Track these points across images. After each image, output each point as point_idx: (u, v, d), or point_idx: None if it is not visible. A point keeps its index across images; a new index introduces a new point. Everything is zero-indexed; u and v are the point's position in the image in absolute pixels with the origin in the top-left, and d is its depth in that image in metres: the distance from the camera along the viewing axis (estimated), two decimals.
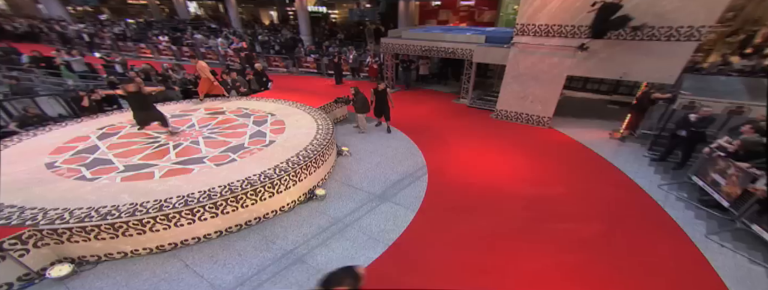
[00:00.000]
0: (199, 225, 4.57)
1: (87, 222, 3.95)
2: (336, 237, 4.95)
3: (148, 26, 21.39)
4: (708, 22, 6.56)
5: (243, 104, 8.49)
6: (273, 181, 5.11)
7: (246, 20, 28.51)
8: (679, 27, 6.86)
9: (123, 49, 16.80)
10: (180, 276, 4.12)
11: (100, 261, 4.24)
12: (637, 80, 8.23)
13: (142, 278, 4.06)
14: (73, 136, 6.36)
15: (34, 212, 4.08)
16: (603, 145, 8.03)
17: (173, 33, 18.05)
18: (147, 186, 4.77)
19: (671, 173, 6.67)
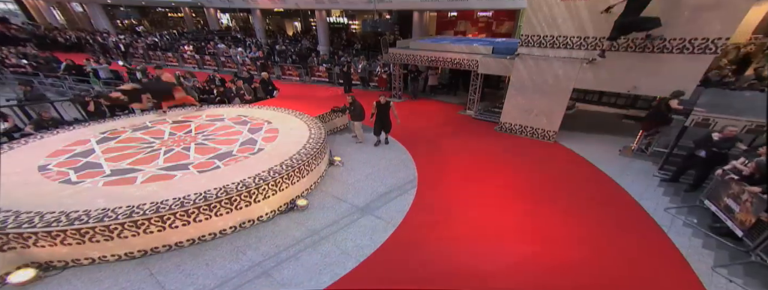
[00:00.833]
0: (170, 232, 4.43)
1: (54, 226, 3.88)
2: (308, 250, 4.69)
3: (180, 37, 22.27)
4: (725, 35, 5.92)
5: (244, 111, 8.46)
6: (250, 190, 4.93)
7: (271, 31, 29.20)
8: (692, 39, 6.24)
9: (153, 58, 17.55)
10: (141, 285, 3.96)
11: (67, 266, 4.15)
12: (648, 94, 7.59)
13: (104, 286, 3.93)
14: (75, 139, 6.47)
15: (7, 214, 4.05)
16: (610, 162, 7.40)
17: (198, 43, 18.69)
18: (125, 191, 4.70)
19: (682, 195, 5.99)
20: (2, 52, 14.54)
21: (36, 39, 20.67)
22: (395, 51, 11.96)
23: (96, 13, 23.97)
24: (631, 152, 7.76)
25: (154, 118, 7.75)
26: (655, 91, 7.08)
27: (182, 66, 16.48)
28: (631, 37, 6.83)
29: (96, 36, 20.77)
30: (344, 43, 22.18)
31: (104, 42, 19.12)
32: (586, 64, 7.41)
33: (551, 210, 5.64)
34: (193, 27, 29.28)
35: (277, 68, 15.45)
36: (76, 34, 21.65)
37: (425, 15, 17.74)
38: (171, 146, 6.26)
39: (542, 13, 7.75)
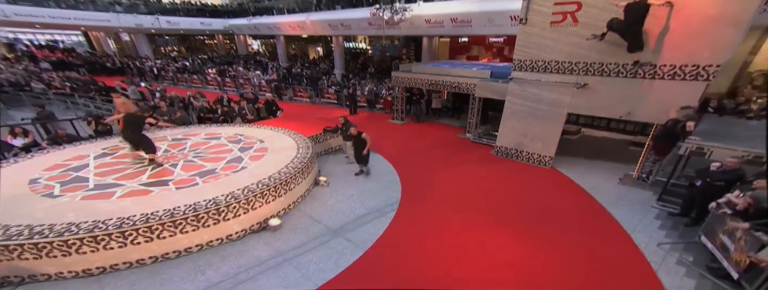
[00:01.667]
0: (132, 249, 4.29)
1: (13, 240, 3.82)
2: (269, 272, 4.42)
3: (210, 61, 23.40)
4: (715, 62, 5.46)
5: (243, 130, 8.49)
6: (219, 208, 4.77)
7: (294, 55, 30.22)
8: (682, 66, 5.78)
9: (180, 80, 18.44)
10: None
11: (23, 282, 4.05)
12: (642, 120, 7.04)
13: None
14: (75, 155, 6.61)
15: None
16: (607, 190, 6.77)
17: (221, 67, 19.51)
18: (98, 206, 4.65)
19: (681, 230, 5.31)
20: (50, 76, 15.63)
21: (88, 65, 22.30)
22: (398, 74, 11.90)
23: (140, 41, 25.72)
24: (632, 181, 7.11)
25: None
26: (649, 117, 6.52)
27: (205, 87, 17.18)
28: (622, 62, 6.42)
29: (136, 61, 22.12)
30: (359, 66, 22.51)
31: (141, 66, 20.31)
32: (576, 88, 6.99)
33: (531, 240, 5.12)
34: (224, 52, 30.78)
35: (290, 90, 15.75)
36: (120, 60, 23.17)
37: (434, 40, 17.79)
38: (161, 163, 6.26)
39: (533, 38, 7.48)
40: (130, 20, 22.54)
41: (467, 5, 12.73)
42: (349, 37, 28.54)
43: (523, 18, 7.53)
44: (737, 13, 5.15)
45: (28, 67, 17.93)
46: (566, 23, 6.93)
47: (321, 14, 19.27)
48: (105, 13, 21.95)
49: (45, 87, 13.62)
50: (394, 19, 14.86)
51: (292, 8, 22.01)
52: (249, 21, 24.53)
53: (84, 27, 24.13)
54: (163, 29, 24.53)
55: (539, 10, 7.21)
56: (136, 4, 23.48)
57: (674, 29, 5.72)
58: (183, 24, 24.92)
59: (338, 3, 18.56)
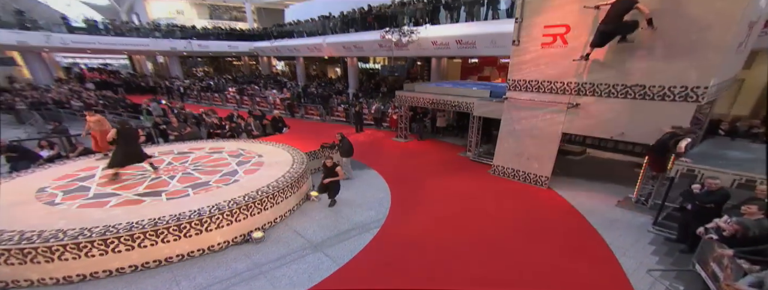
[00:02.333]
0: (112, 257, 4.35)
1: (3, 245, 3.95)
2: (241, 284, 4.36)
3: (234, 81, 24.43)
4: (702, 84, 5.22)
5: (245, 145, 8.66)
6: (203, 219, 4.80)
7: (314, 75, 31.08)
8: (671, 87, 5.51)
9: (203, 98, 19.30)
10: None
11: (6, 288, 4.15)
12: (635, 141, 6.68)
13: None
14: (86, 166, 6.90)
15: None
16: (602, 213, 6.37)
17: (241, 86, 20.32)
18: (90, 214, 4.79)
19: (676, 256, 4.87)
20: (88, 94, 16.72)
21: (126, 84, 23.80)
22: (402, 94, 11.95)
23: (173, 63, 27.29)
24: (630, 204, 6.67)
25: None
26: (642, 137, 6.18)
27: (225, 105, 17.87)
28: (613, 83, 6.20)
29: (166, 81, 23.40)
30: (372, 86, 22.82)
31: (170, 86, 21.43)
32: (567, 108, 6.76)
33: (513, 260, 4.85)
34: (248, 72, 32.07)
35: (302, 108, 16.09)
36: (153, 80, 24.58)
37: (443, 61, 17.88)
38: (160, 175, 6.43)
39: (526, 58, 7.39)
40: (166, 44, 24.02)
41: (471, 28, 12.78)
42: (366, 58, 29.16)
43: (515, 39, 7.48)
44: (718, 38, 4.94)
45: (72, 87, 19.28)
46: (556, 44, 6.82)
47: (336, 37, 19.85)
48: (145, 38, 23.55)
49: (82, 104, 14.54)
50: (402, 42, 15.11)
51: (311, 32, 22.80)
52: (271, 44, 25.61)
53: (127, 51, 26.05)
54: (194, 52, 25.97)
55: (530, 32, 7.16)
56: (173, 30, 25.06)
57: (660, 51, 5.54)
58: (212, 47, 26.30)
59: (352, 26, 19.08)
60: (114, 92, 18.94)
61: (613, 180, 7.99)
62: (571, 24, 6.49)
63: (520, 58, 7.52)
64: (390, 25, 15.79)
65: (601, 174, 8.43)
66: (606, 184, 7.84)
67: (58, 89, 18.54)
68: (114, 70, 28.82)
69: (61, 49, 22.40)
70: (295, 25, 24.38)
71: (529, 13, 7.12)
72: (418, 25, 15.11)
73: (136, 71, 30.39)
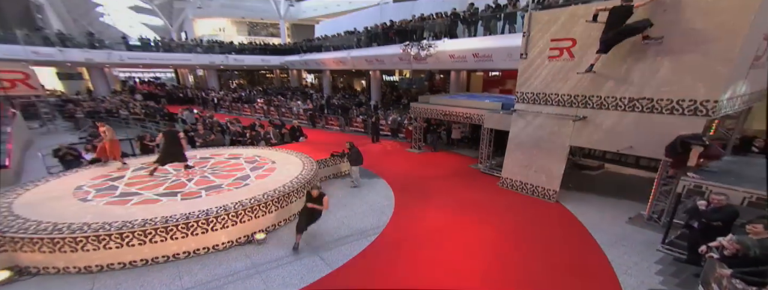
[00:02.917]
0: (127, 250, 4.74)
1: (37, 234, 4.44)
2: (236, 282, 4.59)
3: (264, 93, 25.66)
4: (711, 97, 4.95)
5: (262, 152, 9.09)
6: (209, 218, 5.12)
7: (340, 87, 31.94)
8: (680, 100, 5.25)
9: (234, 109, 20.45)
10: None
11: (38, 273, 4.62)
12: (644, 155, 6.34)
13: None
14: (118, 168, 7.54)
15: (20, 222, 4.77)
16: (610, 230, 6.06)
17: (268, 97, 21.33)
18: (113, 211, 5.25)
19: (683, 278, 4.54)
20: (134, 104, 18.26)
21: (169, 95, 25.69)
22: (416, 105, 12.07)
23: (211, 76, 29.21)
24: (642, 221, 6.30)
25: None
26: (651, 152, 5.87)
27: (253, 114, 18.81)
28: (619, 95, 5.98)
29: (202, 92, 25.03)
30: (394, 98, 23.11)
31: (206, 97, 22.90)
32: (573, 121, 6.57)
33: (505, 274, 4.73)
34: (279, 84, 33.55)
35: (323, 119, 16.61)
36: (192, 91, 26.38)
37: (462, 74, 17.88)
38: (180, 177, 6.91)
39: (533, 71, 7.33)
40: (205, 59, 25.82)
41: (487, 42, 12.75)
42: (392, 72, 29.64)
43: (523, 52, 7.44)
44: (725, 51, 4.69)
45: (123, 98, 21.14)
46: (563, 58, 6.74)
47: (360, 51, 20.43)
48: (188, 53, 25.49)
49: (127, 113, 15.90)
50: (421, 55, 15.31)
51: (337, 46, 23.63)
52: (300, 57, 26.73)
53: (172, 65, 28.37)
54: (230, 65, 27.66)
55: (538, 45, 7.12)
56: (212, 45, 26.93)
57: (668, 64, 5.32)
58: (247, 60, 27.88)
59: (375, 41, 19.59)
60: (157, 103, 20.49)
61: (628, 197, 7.56)
62: (577, 38, 6.42)
63: (527, 71, 7.47)
64: (410, 40, 16.08)
65: (617, 190, 8.01)
66: (620, 200, 7.44)
67: (111, 99, 20.39)
68: (161, 83, 31.25)
69: (118, 65, 24.76)
70: (322, 39, 25.38)
71: (536, 28, 7.10)
72: (437, 39, 15.30)
73: (180, 84, 32.76)
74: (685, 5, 5.00)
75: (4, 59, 16.18)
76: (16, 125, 11.80)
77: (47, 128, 15.41)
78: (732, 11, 4.54)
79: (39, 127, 15.41)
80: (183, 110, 15.61)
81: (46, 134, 14.69)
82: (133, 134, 11.99)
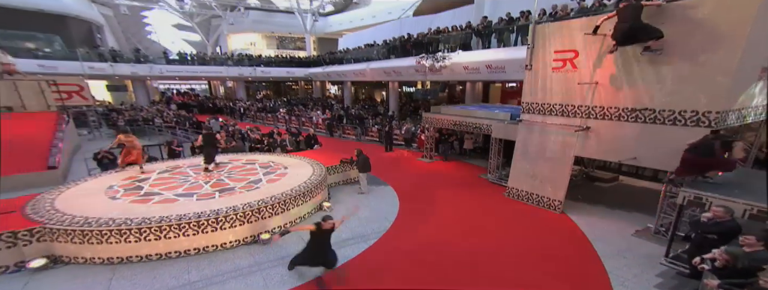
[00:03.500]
0: (144, 244, 5.15)
1: (70, 226, 4.94)
2: (238, 278, 4.86)
3: (288, 103, 26.70)
4: (713, 108, 4.78)
5: (277, 158, 9.51)
6: (219, 217, 5.47)
7: (361, 98, 32.60)
8: (682, 111, 5.12)
9: (258, 118, 21.42)
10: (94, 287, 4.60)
11: (69, 262, 5.13)
12: (648, 166, 6.13)
13: (74, 282, 4.72)
14: (147, 169, 8.16)
15: (58, 215, 5.32)
16: (613, 241, 5.88)
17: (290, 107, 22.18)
18: (136, 208, 5.72)
19: None
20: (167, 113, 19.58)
21: (200, 105, 27.27)
22: (428, 115, 12.20)
23: (239, 87, 30.79)
24: (648, 234, 6.06)
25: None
26: (655, 163, 5.72)
27: (275, 123, 19.61)
28: (622, 106, 5.90)
29: (230, 102, 26.41)
30: (412, 108, 23.33)
31: (233, 106, 24.17)
32: (575, 131, 6.49)
33: (495, 280, 4.71)
34: (303, 95, 34.71)
35: (340, 128, 17.06)
36: (221, 102, 27.88)
37: (477, 85, 17.89)
38: (198, 180, 7.39)
39: (538, 82, 7.35)
40: (235, 71, 27.33)
41: (500, 53, 12.76)
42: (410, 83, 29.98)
43: (528, 64, 7.48)
44: (725, 63, 4.58)
45: (158, 107, 22.72)
46: (566, 69, 6.74)
47: (378, 63, 20.93)
48: (220, 66, 27.09)
49: (161, 121, 17.08)
50: (435, 67, 15.53)
51: (357, 58, 24.32)
52: (323, 69, 27.66)
53: (205, 77, 30.22)
54: (257, 77, 29.09)
55: (542, 57, 7.15)
56: (242, 59, 28.49)
57: (668, 75, 5.24)
58: (273, 72, 29.20)
59: (393, 53, 20.03)
60: (188, 112, 21.82)
61: (639, 210, 7.27)
62: (579, 49, 6.43)
63: (532, 82, 7.49)
64: (426, 52, 16.34)
65: (629, 203, 7.70)
66: (630, 213, 7.17)
67: (149, 109, 21.96)
68: (196, 94, 33.25)
69: (158, 77, 26.74)
70: (343, 52, 26.19)
71: (540, 40, 7.15)
72: (452, 52, 15.47)
73: (211, 94, 34.68)
74: (684, 17, 4.94)
75: (65, 74, 18.01)
76: (68, 132, 13.00)
77: (93, 134, 16.79)
78: (728, 24, 4.46)
79: (87, 133, 16.82)
80: (210, 118, 16.57)
81: (92, 140, 16.00)
82: (163, 140, 12.85)
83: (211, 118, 16.65)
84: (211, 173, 7.93)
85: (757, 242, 3.29)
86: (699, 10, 4.76)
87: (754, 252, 3.27)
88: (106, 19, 30.75)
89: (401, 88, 28.60)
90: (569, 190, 7.16)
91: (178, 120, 17.11)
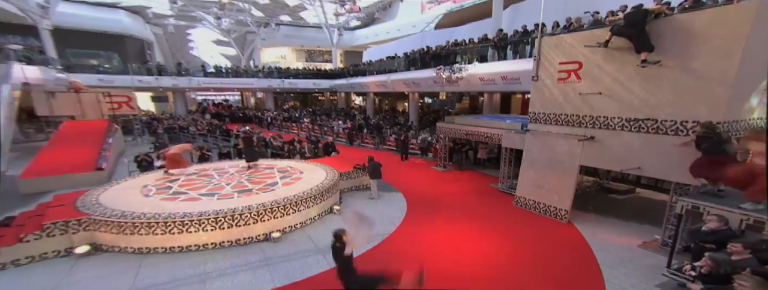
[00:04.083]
0: (169, 237, 5.74)
1: (108, 217, 5.62)
2: (247, 271, 5.28)
3: (313, 113, 27.75)
4: (713, 118, 4.70)
5: (295, 164, 10.05)
6: (235, 215, 5.97)
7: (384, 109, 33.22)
8: (683, 121, 5.08)
9: (283, 127, 22.48)
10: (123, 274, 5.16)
11: (106, 251, 5.81)
12: (653, 176, 5.97)
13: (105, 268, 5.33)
14: (178, 172, 8.92)
15: (101, 209, 6.04)
16: (616, 251, 5.77)
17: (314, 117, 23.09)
18: (164, 205, 6.35)
19: None
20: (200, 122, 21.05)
21: (231, 115, 28.94)
22: (442, 125, 12.39)
23: (268, 98, 32.39)
24: (655, 246, 5.89)
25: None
26: (659, 173, 5.61)
27: (300, 132, 20.50)
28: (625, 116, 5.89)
29: (258, 112, 27.87)
30: (431, 119, 23.52)
31: (261, 116, 25.52)
32: (578, 140, 6.49)
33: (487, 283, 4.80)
34: (328, 105, 35.86)
35: (359, 137, 17.56)
36: (251, 112, 29.46)
37: (495, 96, 17.85)
38: (220, 182, 8.00)
39: (544, 93, 7.45)
40: (264, 83, 28.91)
41: (515, 65, 12.80)
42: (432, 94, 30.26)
43: (535, 75, 7.60)
44: (722, 74, 4.54)
45: (194, 117, 24.44)
46: (571, 80, 6.82)
47: (398, 75, 21.43)
48: (251, 78, 28.79)
49: (195, 129, 18.40)
50: (452, 78, 15.76)
51: (379, 70, 25.02)
52: (347, 81, 28.59)
53: (237, 89, 32.12)
54: (285, 88, 30.54)
55: (548, 68, 7.27)
56: (271, 71, 30.10)
57: (669, 86, 5.24)
58: (300, 84, 30.58)
59: (413, 65, 20.47)
60: (220, 121, 23.29)
61: (652, 222, 7.01)
62: (583, 61, 6.50)
63: (539, 93, 7.59)
64: (444, 64, 16.63)
65: (642, 215, 7.45)
66: (642, 225, 6.95)
67: (185, 118, 23.67)
68: (229, 105, 35.35)
69: (195, 89, 28.80)
70: (366, 64, 27.01)
71: (545, 52, 7.28)
72: (469, 63, 15.67)
73: (243, 105, 36.68)
74: (683, 30, 4.97)
75: (118, 87, 20.01)
76: (116, 138, 14.40)
77: (136, 140, 18.37)
78: (724, 38, 4.47)
79: (131, 139, 18.43)
80: (240, 127, 17.63)
81: (135, 145, 17.49)
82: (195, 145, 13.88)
83: (241, 127, 17.72)
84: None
85: (743, 249, 3.26)
86: (697, 24, 4.79)
87: (740, 260, 3.24)
88: (156, 37, 33.75)
89: (423, 99, 28.94)
90: (582, 201, 7.09)
91: (210, 128, 18.35)
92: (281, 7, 35.24)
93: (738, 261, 3.22)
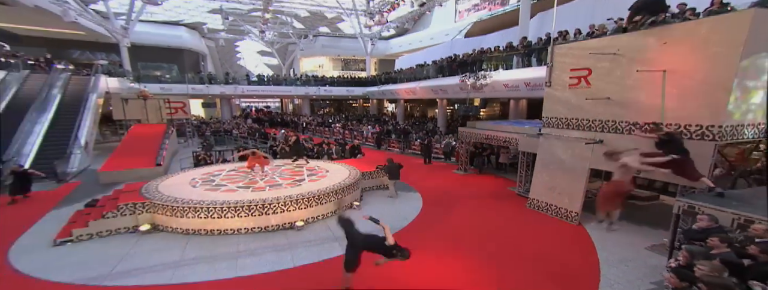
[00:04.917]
0: (210, 221, 6.65)
1: (166, 202, 6.67)
2: (272, 252, 6.02)
3: (345, 119, 28.96)
4: (716, 123, 4.76)
5: (322, 163, 10.86)
6: (264, 204, 6.80)
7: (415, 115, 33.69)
8: (687, 125, 5.10)
9: (317, 131, 23.77)
10: (174, 250, 6.04)
11: (162, 230, 6.86)
12: (659, 179, 5.91)
13: (160, 243, 6.33)
14: (220, 168, 10.08)
15: (158, 195, 7.16)
16: (620, 252, 5.81)
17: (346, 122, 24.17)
18: (207, 194, 7.34)
19: None
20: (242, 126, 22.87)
21: (271, 120, 30.98)
22: (463, 130, 12.66)
23: (305, 104, 34.22)
24: (663, 249, 5.83)
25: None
26: (664, 176, 5.55)
27: (331, 136, 21.61)
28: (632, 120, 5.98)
29: (295, 118, 29.60)
30: (458, 124, 23.62)
31: (297, 121, 27.13)
32: (586, 144, 6.57)
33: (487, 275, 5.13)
34: (361, 112, 37.01)
35: (385, 142, 18.20)
36: (288, 117, 31.31)
37: (521, 102, 17.71)
38: (255, 177, 8.96)
39: (556, 98, 7.60)
40: (302, 90, 30.69)
41: (538, 72, 12.72)
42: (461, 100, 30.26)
43: (548, 81, 7.77)
44: (723, 79, 4.58)
45: (237, 121, 26.59)
46: (581, 85, 6.94)
47: (426, 82, 21.91)
48: (289, 86, 30.72)
49: (237, 132, 20.13)
50: (477, 85, 15.96)
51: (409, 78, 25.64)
52: (378, 88, 29.54)
53: (277, 95, 34.34)
54: (321, 96, 32.16)
55: (560, 74, 7.44)
56: (309, 79, 31.88)
57: (671, 90, 5.27)
58: (334, 91, 32.03)
59: (441, 72, 20.85)
60: (260, 125, 25.12)
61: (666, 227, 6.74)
62: (592, 67, 6.63)
63: (551, 98, 7.74)
64: (470, 71, 16.88)
65: (660, 221, 7.25)
66: (655, 230, 6.81)
67: (229, 122, 25.83)
68: (270, 111, 37.80)
69: (240, 96, 31.35)
70: (397, 73, 27.74)
71: (557, 59, 7.46)
72: (494, 70, 15.81)
73: (282, 111, 38.99)
74: (685, 37, 5.05)
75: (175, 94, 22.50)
76: (171, 139, 16.28)
77: (188, 142, 20.44)
78: (722, 44, 4.52)
79: (183, 141, 20.55)
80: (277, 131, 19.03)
81: (186, 146, 19.50)
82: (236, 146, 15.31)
83: (281, 131, 19.14)
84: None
85: (720, 243, 3.39)
86: (697, 31, 4.87)
87: (718, 253, 3.37)
88: (209, 49, 37.17)
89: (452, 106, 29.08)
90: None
91: (250, 132, 19.98)
92: (320, 19, 37.29)
93: (715, 254, 3.34)
